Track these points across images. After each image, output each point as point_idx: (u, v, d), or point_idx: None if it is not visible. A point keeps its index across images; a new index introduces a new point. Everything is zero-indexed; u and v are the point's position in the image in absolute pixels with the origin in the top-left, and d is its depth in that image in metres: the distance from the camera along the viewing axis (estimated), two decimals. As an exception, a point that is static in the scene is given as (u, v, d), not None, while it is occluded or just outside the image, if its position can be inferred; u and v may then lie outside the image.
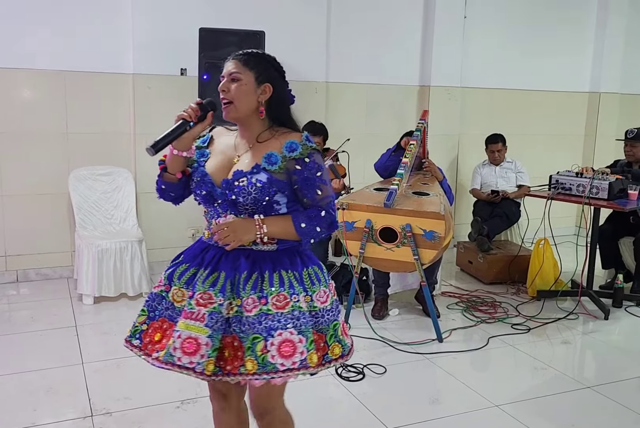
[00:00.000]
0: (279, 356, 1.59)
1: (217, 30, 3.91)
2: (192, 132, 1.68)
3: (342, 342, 1.75)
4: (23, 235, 4.20)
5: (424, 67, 5.27)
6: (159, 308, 1.73)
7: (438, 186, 3.78)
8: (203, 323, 1.60)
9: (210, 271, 1.68)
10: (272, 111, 1.72)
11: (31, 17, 3.97)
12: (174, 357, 1.60)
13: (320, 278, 1.74)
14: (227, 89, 1.68)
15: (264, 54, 1.77)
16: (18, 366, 2.97)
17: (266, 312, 1.61)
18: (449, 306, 4.03)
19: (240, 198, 1.64)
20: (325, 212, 1.69)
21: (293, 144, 1.67)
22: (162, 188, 1.79)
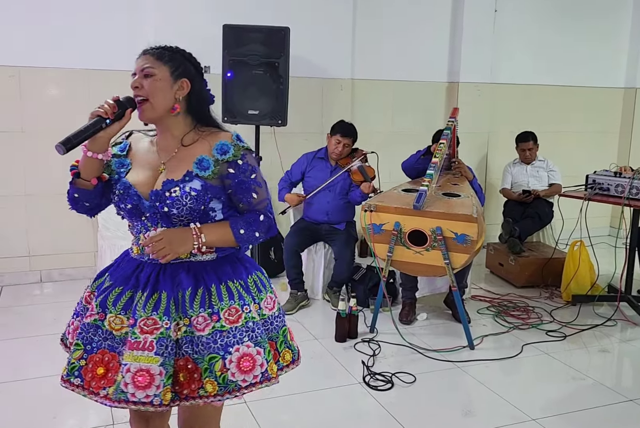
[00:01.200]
0: (239, 372, 1.50)
1: (240, 27, 3.81)
2: (109, 131, 1.51)
3: (291, 347, 1.70)
4: (47, 235, 4.17)
5: (452, 63, 5.11)
6: (96, 340, 1.56)
7: (469, 187, 3.65)
8: (152, 351, 1.47)
9: (149, 292, 1.53)
10: (192, 108, 1.59)
11: (50, 15, 3.93)
12: (126, 394, 1.46)
13: (265, 283, 1.66)
14: (140, 85, 1.54)
15: (177, 48, 1.63)
16: (39, 371, 2.91)
17: (220, 329, 1.52)
18: (479, 311, 3.89)
19: (174, 209, 1.51)
20: (263, 216, 1.59)
21: (224, 146, 1.54)
22: (75, 196, 1.60)
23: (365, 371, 3.00)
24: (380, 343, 3.34)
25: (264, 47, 3.79)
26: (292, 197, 3.91)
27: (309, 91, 4.62)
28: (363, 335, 3.45)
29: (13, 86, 3.94)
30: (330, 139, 3.96)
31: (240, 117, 3.92)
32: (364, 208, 3.25)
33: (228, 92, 3.88)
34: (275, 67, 3.82)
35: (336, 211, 3.97)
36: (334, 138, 3.92)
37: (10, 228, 4.09)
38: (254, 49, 3.79)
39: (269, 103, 3.88)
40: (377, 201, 3.27)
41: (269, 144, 4.35)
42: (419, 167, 3.94)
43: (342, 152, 3.93)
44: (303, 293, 3.89)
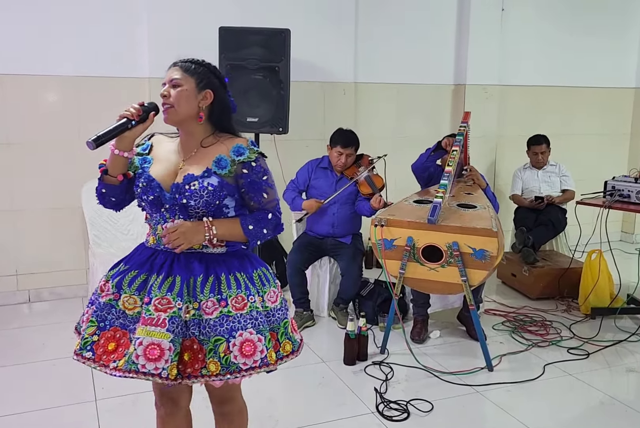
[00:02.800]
0: (241, 356, 1.64)
1: (238, 29, 3.60)
2: (134, 131, 1.69)
3: (292, 339, 1.81)
4: (35, 252, 3.95)
5: (458, 65, 4.91)
6: (109, 318, 1.71)
7: (483, 196, 3.43)
8: (164, 328, 1.62)
9: (164, 275, 1.68)
10: (214, 117, 1.75)
11: (38, 18, 3.70)
12: (137, 365, 1.59)
13: (269, 278, 1.80)
14: (168, 94, 1.70)
15: (204, 62, 1.78)
16: (24, 404, 2.69)
17: (227, 314, 1.66)
18: (494, 327, 3.68)
19: (192, 201, 1.67)
20: (272, 215, 1.76)
21: (240, 148, 1.71)
22: (103, 192, 1.78)
23: (378, 399, 2.78)
24: (392, 366, 3.12)
25: (263, 50, 3.58)
26: (310, 203, 3.67)
27: (310, 95, 4.41)
28: (373, 357, 3.24)
29: (-4, 94, 3.72)
30: (330, 151, 3.73)
31: (239, 125, 3.55)
32: (374, 222, 3.03)
33: (225, 99, 3.65)
34: (276, 72, 3.61)
35: (342, 223, 3.75)
36: (334, 150, 3.69)
37: (-3, 245, 3.86)
38: (252, 53, 3.57)
39: (269, 110, 3.67)
40: (387, 214, 3.05)
41: (269, 152, 4.07)
42: (429, 166, 3.73)
43: (345, 163, 3.71)
44: (309, 312, 3.67)
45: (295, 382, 3.01)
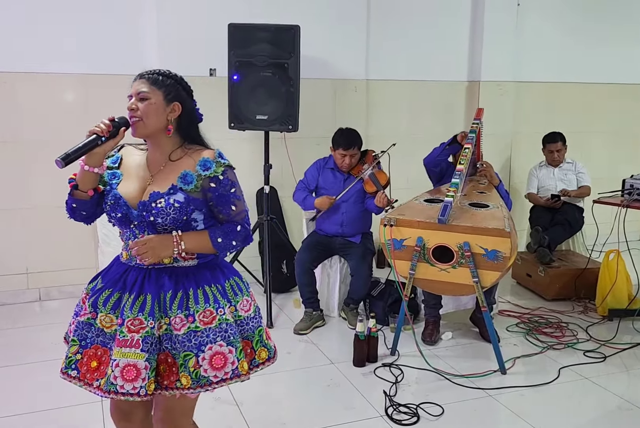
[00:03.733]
0: (211, 369, 1.66)
1: (247, 26, 3.55)
2: (104, 147, 1.66)
3: (267, 346, 1.83)
4: (45, 251, 3.94)
5: (473, 61, 4.82)
6: (89, 336, 1.73)
7: (497, 195, 3.35)
8: (138, 348, 1.64)
9: (135, 295, 1.69)
10: (182, 129, 1.75)
11: (45, 16, 3.69)
12: (115, 386, 1.62)
13: (242, 287, 1.81)
14: (136, 107, 1.69)
15: (170, 73, 1.76)
16: (31, 404, 2.68)
17: (194, 330, 1.67)
18: (508, 328, 3.60)
19: (159, 218, 1.67)
20: (240, 227, 1.75)
21: (207, 162, 1.70)
22: (73, 206, 1.76)
23: (387, 402, 2.72)
24: (402, 368, 3.06)
25: (272, 47, 3.52)
26: (323, 201, 3.61)
27: (320, 93, 4.35)
28: (383, 358, 3.18)
29: (5, 93, 3.71)
30: (334, 152, 3.68)
31: (248, 122, 3.65)
32: (383, 222, 2.97)
33: (234, 96, 3.62)
34: (285, 69, 3.55)
35: (351, 222, 3.69)
36: (337, 153, 3.64)
37: (6, 244, 3.86)
38: (261, 50, 3.52)
39: (279, 107, 3.61)
40: (397, 214, 2.98)
41: (279, 150, 4.09)
42: (442, 160, 3.67)
43: (350, 164, 3.65)
44: (318, 312, 3.62)
45: (303, 383, 2.97)
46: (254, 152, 4.09)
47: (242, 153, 4.11)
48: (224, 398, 2.76)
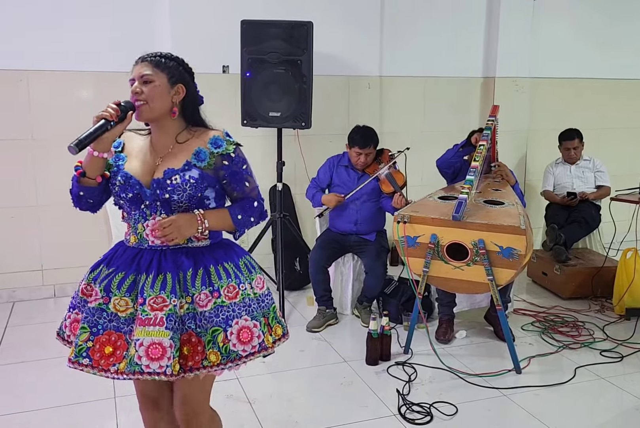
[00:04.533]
0: (239, 343, 1.67)
1: (260, 23, 3.54)
2: (113, 132, 1.65)
3: (281, 323, 1.83)
4: (60, 248, 3.97)
5: (488, 57, 4.76)
6: (101, 322, 1.69)
7: (512, 192, 3.31)
8: (163, 326, 1.62)
9: (154, 274, 1.67)
10: (186, 111, 1.74)
11: (59, 14, 3.70)
12: (140, 365, 1.60)
13: (255, 265, 1.82)
14: (141, 91, 1.67)
15: (172, 55, 1.75)
16: (45, 400, 2.69)
17: (221, 304, 1.67)
18: (523, 327, 3.56)
19: (174, 195, 1.66)
20: (257, 202, 1.79)
21: (218, 140, 1.71)
22: (80, 194, 1.75)
23: (400, 401, 2.70)
24: (415, 367, 3.04)
25: (285, 43, 3.50)
26: (329, 198, 3.60)
27: (333, 89, 4.33)
28: (397, 357, 3.16)
29: (20, 90, 3.74)
30: (349, 150, 3.65)
31: (261, 120, 3.64)
32: (396, 219, 2.94)
33: (247, 93, 3.61)
34: (298, 65, 3.54)
35: (365, 220, 3.67)
36: (353, 150, 3.61)
37: (22, 241, 3.89)
38: (274, 46, 3.50)
39: (292, 104, 3.59)
40: (411, 211, 2.95)
41: (292, 148, 4.07)
42: (455, 162, 3.62)
43: (366, 162, 3.63)
44: (332, 310, 3.60)
45: (316, 381, 2.95)
46: (267, 150, 4.08)
47: (255, 150, 4.09)
48: (236, 396, 2.76)
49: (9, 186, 3.82)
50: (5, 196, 3.82)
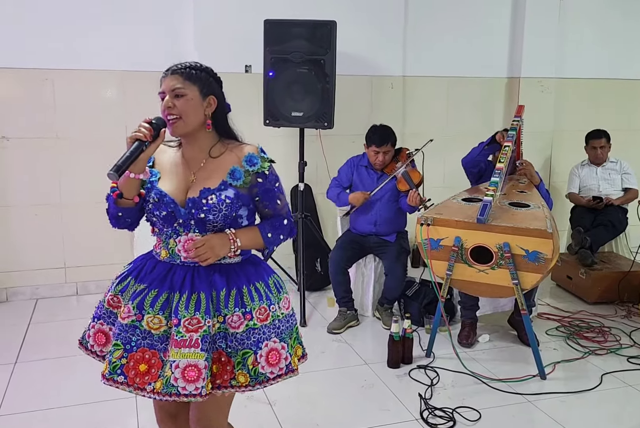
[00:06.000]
0: (267, 365, 1.65)
1: (283, 22, 3.52)
2: (148, 152, 1.62)
3: (301, 343, 1.82)
4: (82, 246, 3.99)
5: (513, 57, 4.69)
6: (134, 339, 1.67)
7: (538, 195, 3.25)
8: (198, 348, 1.60)
9: (188, 294, 1.65)
10: (218, 122, 1.71)
11: (83, 13, 3.72)
12: (176, 387, 1.58)
13: (282, 285, 1.79)
14: (173, 105, 1.64)
15: (202, 66, 1.70)
16: (66, 398, 2.71)
17: (253, 327, 1.65)
18: (548, 332, 3.50)
19: (210, 215, 1.64)
20: (287, 220, 1.77)
21: (253, 158, 1.68)
22: (119, 215, 1.71)
23: (422, 405, 2.67)
24: (438, 371, 3.00)
25: (308, 43, 3.48)
26: (356, 196, 3.57)
27: (356, 89, 4.30)
28: (418, 360, 3.12)
29: (47, 89, 3.77)
30: (367, 150, 3.63)
31: (283, 119, 3.63)
32: (419, 221, 2.91)
33: (269, 93, 3.59)
34: (321, 65, 3.51)
35: (385, 221, 3.63)
36: (370, 150, 3.59)
37: (45, 239, 3.92)
38: (297, 46, 3.48)
39: (314, 104, 3.57)
40: (434, 213, 2.92)
41: (314, 147, 4.05)
42: (481, 161, 3.57)
43: (384, 161, 3.59)
44: (353, 312, 3.57)
45: (337, 384, 2.93)
46: (289, 150, 4.06)
47: (277, 150, 4.07)
48: (256, 397, 2.74)
49: (33, 184, 3.85)
50: (29, 194, 3.86)
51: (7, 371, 2.96)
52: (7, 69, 3.69)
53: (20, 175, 3.82)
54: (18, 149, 3.78)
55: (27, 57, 3.68)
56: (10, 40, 3.63)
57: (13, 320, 3.62)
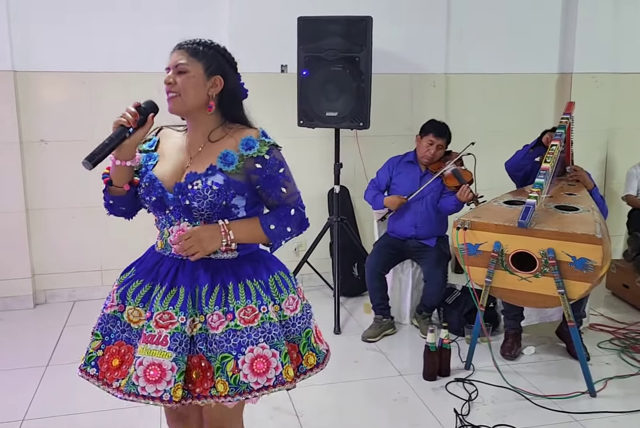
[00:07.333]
0: (252, 374, 1.48)
1: (316, 19, 3.42)
2: (133, 138, 1.53)
3: (316, 350, 1.64)
4: (119, 249, 3.98)
5: (564, 51, 4.43)
6: (114, 331, 1.59)
7: (588, 197, 3.03)
8: (165, 346, 1.47)
9: (167, 287, 1.54)
10: (223, 105, 1.58)
11: (120, 16, 3.72)
12: (136, 387, 1.46)
13: (288, 283, 1.63)
14: (174, 81, 1.54)
15: (212, 43, 1.60)
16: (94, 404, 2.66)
17: (234, 328, 1.49)
18: (600, 345, 3.25)
19: (194, 202, 1.51)
20: (294, 210, 1.58)
21: (250, 141, 1.54)
22: (111, 203, 1.65)
23: (458, 422, 2.50)
24: (477, 384, 2.82)
25: (342, 40, 3.36)
26: (392, 200, 3.44)
27: (395, 88, 4.15)
28: (457, 372, 2.95)
29: (84, 92, 3.79)
30: (420, 141, 3.49)
31: (318, 120, 3.52)
32: (456, 224, 2.74)
33: (303, 93, 3.49)
34: (356, 63, 3.39)
35: (426, 224, 3.47)
36: (425, 139, 3.44)
37: (82, 241, 3.94)
38: (331, 43, 3.37)
39: (349, 103, 3.45)
40: (472, 216, 2.74)
41: (351, 149, 3.93)
42: (526, 164, 3.38)
43: (434, 155, 3.44)
44: (389, 320, 3.42)
45: (369, 396, 2.80)
46: (324, 151, 3.95)
47: (312, 151, 3.98)
48: (283, 408, 2.64)
49: (71, 187, 3.88)
50: (67, 197, 3.89)
51: (38, 375, 2.96)
52: (46, 73, 3.72)
53: (58, 178, 3.85)
54: (56, 152, 3.81)
55: (64, 60, 3.70)
56: (47, 44, 3.66)
57: (50, 322, 3.64)
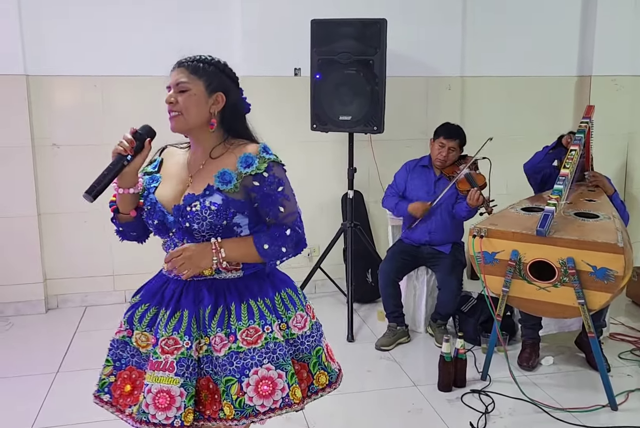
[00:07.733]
0: (257, 397, 1.45)
1: (330, 22, 3.37)
2: (133, 165, 1.51)
3: (327, 369, 1.60)
4: (131, 254, 3.94)
5: (583, 53, 4.34)
6: (124, 356, 1.58)
7: (609, 203, 2.94)
8: (172, 372, 1.45)
9: (172, 311, 1.51)
10: (226, 121, 1.56)
11: (132, 20, 3.70)
12: (147, 414, 1.45)
13: (295, 301, 1.59)
14: (175, 100, 1.52)
15: (213, 59, 1.58)
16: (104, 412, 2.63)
17: (236, 350, 1.47)
18: (621, 355, 3.16)
19: (194, 224, 1.48)
20: (290, 230, 1.53)
21: (248, 158, 1.50)
22: (121, 230, 1.65)
23: (474, 436, 2.43)
24: (493, 396, 2.74)
25: (356, 43, 3.31)
26: (416, 206, 3.36)
27: (410, 91, 4.09)
28: (473, 383, 2.87)
29: (95, 96, 3.77)
30: (432, 144, 3.43)
31: (331, 124, 3.47)
32: (472, 232, 2.67)
33: (317, 96, 3.44)
34: (369, 66, 3.33)
35: (441, 230, 3.40)
36: (436, 142, 3.39)
37: (94, 246, 3.92)
38: (345, 46, 3.32)
39: (363, 107, 3.39)
40: (489, 224, 2.67)
41: (365, 154, 3.87)
42: (544, 167, 3.31)
43: (447, 158, 3.37)
44: (403, 328, 3.36)
45: (381, 407, 2.73)
46: (338, 155, 3.90)
47: (326, 156, 3.93)
48: (294, 418, 2.58)
49: (83, 191, 3.85)
50: (79, 201, 3.81)
51: (48, 381, 2.93)
52: (57, 77, 3.70)
53: (70, 182, 3.83)
54: (68, 156, 3.80)
55: (76, 64, 3.69)
56: (59, 48, 3.65)
57: (62, 328, 3.63)
